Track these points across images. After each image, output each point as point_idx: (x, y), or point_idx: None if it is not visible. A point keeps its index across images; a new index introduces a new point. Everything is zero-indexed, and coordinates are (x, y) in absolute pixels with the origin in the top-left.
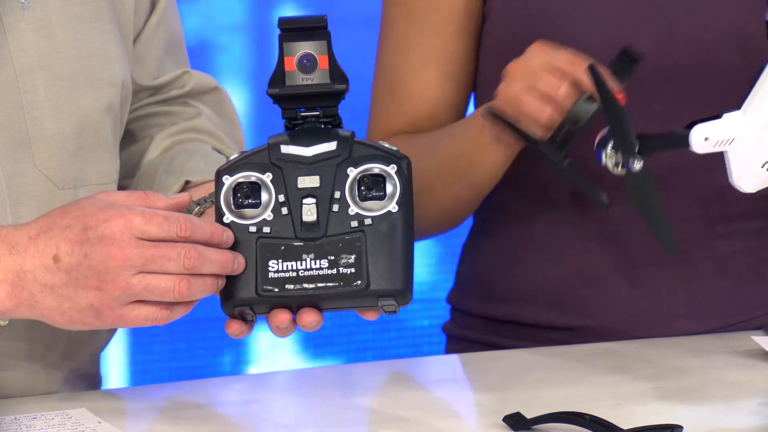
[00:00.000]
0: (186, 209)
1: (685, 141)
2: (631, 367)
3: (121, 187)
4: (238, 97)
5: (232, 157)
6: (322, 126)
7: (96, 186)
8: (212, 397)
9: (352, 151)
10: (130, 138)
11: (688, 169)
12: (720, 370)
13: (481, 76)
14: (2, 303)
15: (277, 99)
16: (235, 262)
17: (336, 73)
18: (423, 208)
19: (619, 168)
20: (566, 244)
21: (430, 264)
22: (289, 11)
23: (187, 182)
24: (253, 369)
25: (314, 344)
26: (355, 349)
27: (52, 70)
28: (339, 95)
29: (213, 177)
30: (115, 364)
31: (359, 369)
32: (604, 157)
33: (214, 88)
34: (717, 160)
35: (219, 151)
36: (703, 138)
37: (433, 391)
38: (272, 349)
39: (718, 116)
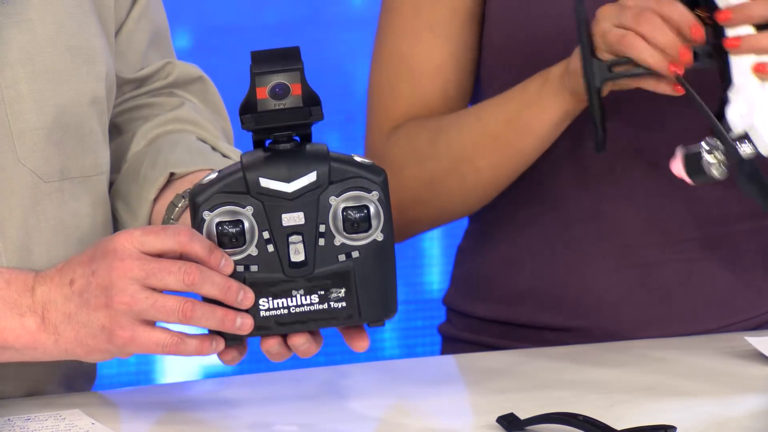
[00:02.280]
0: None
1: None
2: (624, 368)
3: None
4: (233, 99)
5: (206, 179)
6: (295, 140)
7: (82, 178)
8: (206, 397)
9: (331, 175)
10: (115, 132)
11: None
12: (714, 370)
13: (482, 73)
14: (34, 335)
15: (249, 121)
16: (241, 293)
17: (308, 97)
18: (454, 187)
19: (722, 167)
20: (562, 244)
21: (424, 264)
22: (280, 10)
23: (171, 174)
24: (246, 370)
25: None
26: (349, 350)
27: (33, 64)
28: (312, 114)
29: (197, 167)
30: (108, 366)
31: (353, 370)
32: (707, 160)
33: (198, 78)
34: None
35: (203, 141)
36: (738, 114)
37: (428, 392)
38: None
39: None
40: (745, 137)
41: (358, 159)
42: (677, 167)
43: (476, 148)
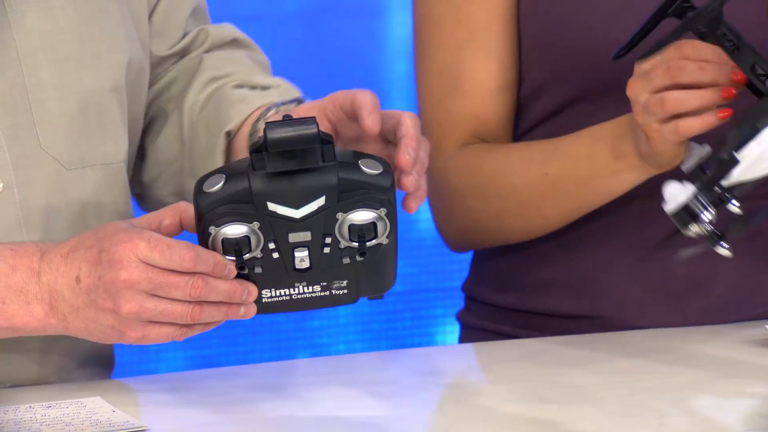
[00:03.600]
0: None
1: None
2: (645, 357)
3: (176, 168)
4: None
5: (212, 188)
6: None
7: (103, 166)
8: (226, 385)
9: (340, 191)
10: (163, 115)
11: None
12: (735, 359)
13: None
14: (43, 321)
15: (260, 161)
16: (245, 292)
17: (321, 136)
18: (520, 226)
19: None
20: (588, 234)
21: (443, 253)
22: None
23: (227, 134)
24: (267, 358)
25: (328, 333)
26: (369, 338)
27: (55, 52)
28: (324, 154)
29: (244, 115)
30: (128, 353)
31: (372, 358)
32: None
33: (232, 40)
34: None
35: (240, 85)
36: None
37: (447, 380)
38: (285, 339)
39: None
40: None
41: (365, 169)
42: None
43: (545, 200)
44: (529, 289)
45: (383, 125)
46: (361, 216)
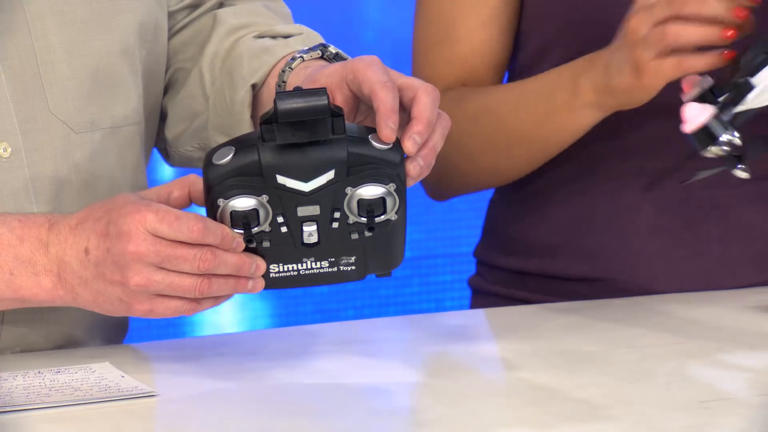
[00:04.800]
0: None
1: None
2: (655, 322)
3: (200, 122)
4: None
5: (222, 160)
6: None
7: (112, 129)
8: (235, 352)
9: (349, 165)
10: (183, 74)
11: None
12: (746, 325)
13: (522, 25)
14: (51, 293)
15: (270, 132)
16: (253, 266)
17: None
18: (492, 164)
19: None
20: (599, 197)
21: (452, 219)
22: None
23: (253, 86)
24: (278, 323)
25: (336, 299)
26: (377, 304)
27: (63, 14)
28: (334, 126)
29: (269, 66)
30: (137, 318)
31: (381, 323)
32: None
33: None
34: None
35: (261, 36)
36: None
37: (456, 345)
38: (294, 305)
39: None
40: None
41: (376, 144)
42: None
43: (512, 139)
44: (540, 252)
45: (401, 98)
46: (371, 191)
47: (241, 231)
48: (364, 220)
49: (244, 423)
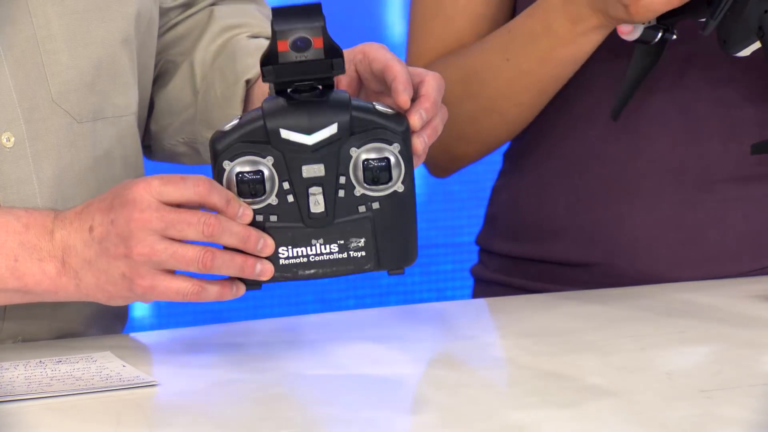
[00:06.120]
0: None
1: None
2: (655, 311)
3: (188, 116)
4: None
5: (227, 126)
6: (318, 89)
7: (114, 119)
8: (236, 341)
9: (352, 126)
10: (172, 68)
11: (723, 116)
12: (746, 313)
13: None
14: (55, 280)
15: (270, 74)
16: (260, 242)
17: (331, 49)
18: (496, 122)
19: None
20: (598, 182)
21: (453, 208)
22: None
23: (247, 82)
24: (277, 313)
25: (337, 288)
26: (378, 294)
27: (64, 4)
28: (334, 67)
29: None
30: (139, 308)
31: (383, 313)
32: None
33: None
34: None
35: (256, 36)
36: None
37: (458, 334)
38: (295, 294)
39: None
40: None
41: (380, 108)
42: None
43: (513, 87)
44: (541, 237)
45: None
46: (375, 152)
47: (249, 200)
48: (371, 193)
49: (245, 412)
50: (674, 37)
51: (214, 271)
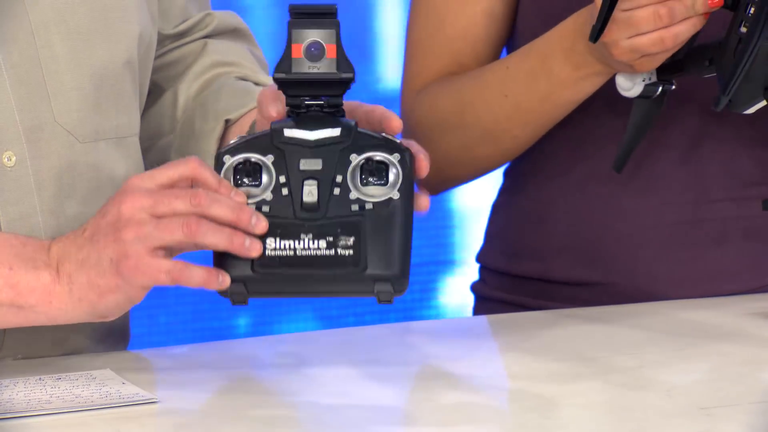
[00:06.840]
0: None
1: None
2: (655, 329)
3: (165, 143)
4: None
5: (233, 141)
6: (326, 113)
7: (116, 139)
8: (236, 358)
9: (356, 138)
10: (157, 91)
11: (722, 136)
12: (746, 331)
13: (518, 25)
14: (48, 288)
15: (282, 84)
16: (254, 217)
17: (343, 62)
18: (490, 150)
19: None
20: (598, 200)
21: (452, 225)
22: None
23: (227, 121)
24: (277, 330)
25: (337, 305)
26: (378, 311)
27: (67, 24)
28: (345, 84)
29: (248, 107)
30: (138, 325)
31: (382, 331)
32: None
33: (234, 29)
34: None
35: (244, 78)
36: None
37: (457, 352)
38: (295, 311)
39: None
40: None
41: (388, 135)
42: None
43: (510, 122)
44: (542, 256)
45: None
46: (374, 158)
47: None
48: (365, 198)
49: (245, 430)
50: (673, 87)
51: (200, 238)
